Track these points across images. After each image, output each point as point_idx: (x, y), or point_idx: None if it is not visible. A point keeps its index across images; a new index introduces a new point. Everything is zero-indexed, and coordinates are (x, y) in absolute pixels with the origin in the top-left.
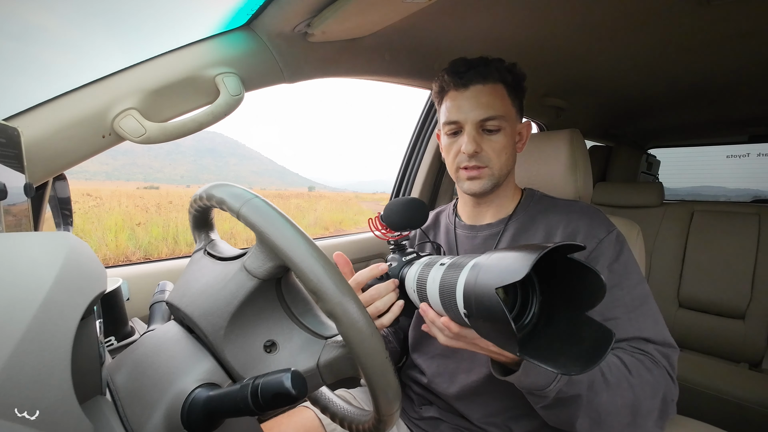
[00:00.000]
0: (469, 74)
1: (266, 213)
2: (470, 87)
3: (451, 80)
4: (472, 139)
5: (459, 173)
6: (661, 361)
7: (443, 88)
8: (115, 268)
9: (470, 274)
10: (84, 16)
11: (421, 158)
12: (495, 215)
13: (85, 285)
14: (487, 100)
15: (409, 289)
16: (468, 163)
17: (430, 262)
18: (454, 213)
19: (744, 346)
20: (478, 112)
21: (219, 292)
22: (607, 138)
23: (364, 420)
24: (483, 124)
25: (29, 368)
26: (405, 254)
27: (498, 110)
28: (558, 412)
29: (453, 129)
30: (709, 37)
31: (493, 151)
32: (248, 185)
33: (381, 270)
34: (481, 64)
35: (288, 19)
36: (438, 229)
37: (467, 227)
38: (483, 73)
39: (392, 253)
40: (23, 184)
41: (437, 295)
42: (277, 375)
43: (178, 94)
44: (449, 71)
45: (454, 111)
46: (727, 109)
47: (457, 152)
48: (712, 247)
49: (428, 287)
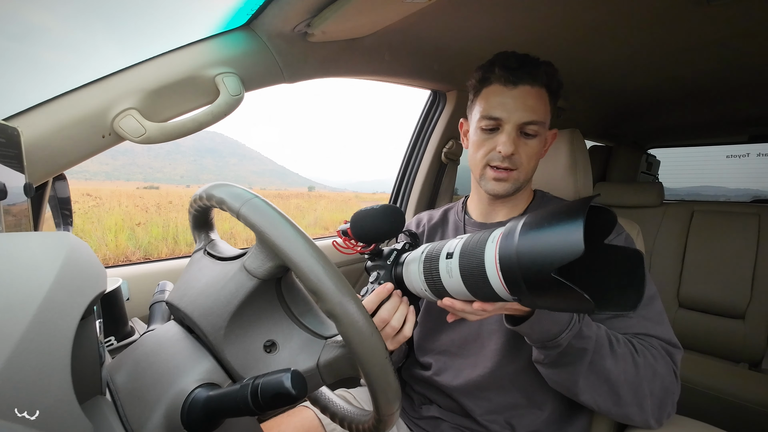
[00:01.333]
0: (520, 72)
1: (266, 213)
2: (519, 86)
3: (502, 74)
4: (512, 140)
5: (486, 171)
6: (666, 357)
7: (488, 79)
8: (115, 268)
9: (505, 258)
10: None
11: (421, 158)
12: (508, 214)
13: (85, 285)
14: (533, 104)
15: (416, 289)
16: (500, 164)
17: (430, 253)
18: (463, 210)
19: (744, 346)
20: (522, 114)
21: (219, 292)
22: (607, 138)
23: (364, 420)
24: (524, 127)
25: (29, 368)
26: (386, 257)
27: (540, 116)
28: (562, 371)
29: (491, 125)
30: (709, 37)
31: (527, 156)
32: (248, 185)
33: (388, 290)
34: (532, 63)
35: (288, 19)
36: (446, 227)
37: (477, 225)
38: (533, 75)
39: (371, 262)
40: (23, 184)
41: (461, 285)
42: (277, 375)
43: (178, 94)
44: (500, 64)
45: (497, 107)
46: (727, 109)
47: (490, 149)
48: (712, 247)
49: (445, 281)
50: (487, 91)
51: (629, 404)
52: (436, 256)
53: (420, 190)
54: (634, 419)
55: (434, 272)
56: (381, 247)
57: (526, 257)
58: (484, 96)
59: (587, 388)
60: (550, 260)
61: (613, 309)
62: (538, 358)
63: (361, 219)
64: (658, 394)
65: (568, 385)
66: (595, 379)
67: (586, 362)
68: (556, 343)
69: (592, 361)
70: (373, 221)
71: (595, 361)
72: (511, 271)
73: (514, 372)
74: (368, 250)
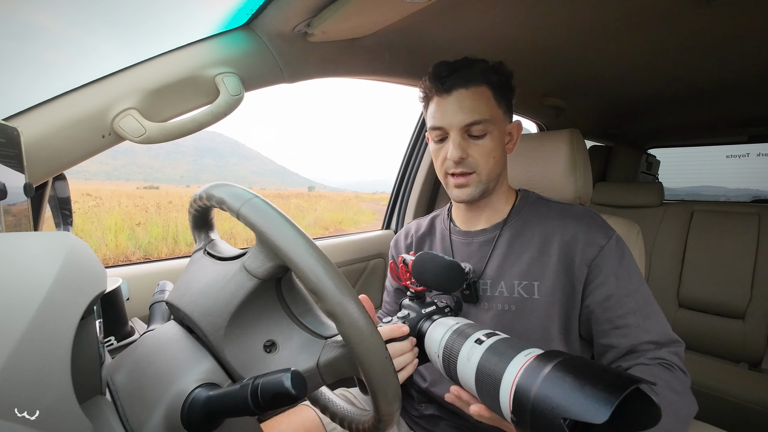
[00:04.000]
0: (452, 79)
1: (266, 213)
2: (453, 92)
3: (433, 86)
4: (458, 145)
5: (447, 179)
6: (675, 362)
7: (427, 94)
8: (115, 268)
9: (524, 378)
10: (84, 16)
11: (421, 158)
12: (489, 220)
13: (84, 285)
14: (470, 105)
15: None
16: (455, 170)
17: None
18: (448, 218)
19: (744, 346)
20: (461, 117)
21: (219, 292)
22: (607, 138)
23: (364, 420)
24: (468, 129)
25: (29, 368)
26: (424, 305)
27: (483, 114)
28: None
29: (439, 135)
30: (709, 37)
31: (481, 156)
32: (248, 185)
33: (402, 332)
34: (463, 66)
35: (288, 19)
36: (433, 236)
37: (462, 233)
38: (465, 77)
39: (409, 301)
40: (23, 184)
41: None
42: (277, 375)
43: (178, 94)
44: (431, 76)
45: (438, 117)
46: (727, 109)
47: (444, 158)
48: (711, 247)
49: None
50: (429, 106)
51: None
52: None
53: (420, 190)
54: None
55: (455, 349)
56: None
57: (541, 404)
58: (429, 109)
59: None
60: (565, 410)
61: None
62: None
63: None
64: (687, 409)
65: None
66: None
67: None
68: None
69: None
70: (435, 269)
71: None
72: (522, 406)
73: None
74: (418, 289)
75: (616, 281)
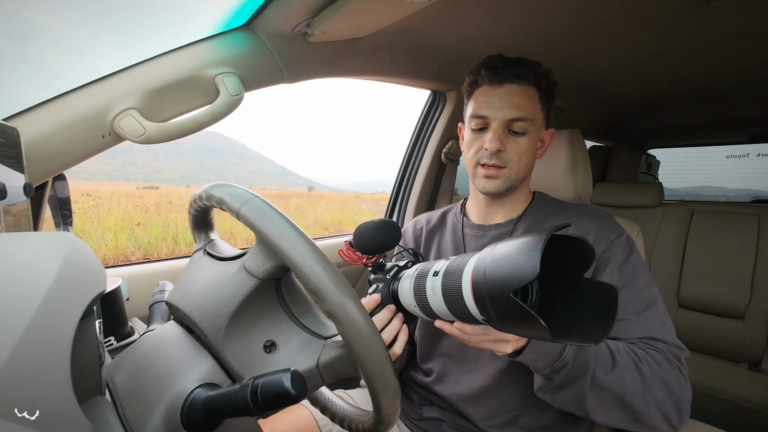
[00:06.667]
0: (505, 72)
1: (266, 213)
2: (504, 85)
3: (487, 75)
4: (498, 137)
5: (477, 169)
6: (673, 359)
7: (476, 81)
8: (114, 268)
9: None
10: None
11: (421, 158)
12: (505, 216)
13: (84, 285)
14: (518, 101)
15: (407, 305)
16: (488, 161)
17: (422, 271)
18: (462, 212)
19: (743, 346)
20: (507, 111)
21: (219, 292)
22: (607, 138)
23: (364, 420)
24: (510, 124)
25: (29, 368)
26: (387, 271)
27: (527, 112)
28: (569, 391)
29: (479, 124)
30: (709, 37)
31: (516, 153)
32: (248, 185)
33: (375, 301)
34: (518, 63)
35: (288, 19)
36: (444, 229)
37: (476, 227)
38: (518, 73)
39: (373, 275)
40: (23, 184)
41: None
42: (277, 375)
43: (178, 94)
44: (486, 66)
45: (484, 106)
46: (727, 109)
47: (479, 148)
48: (711, 247)
49: (431, 301)
50: (476, 93)
51: (646, 415)
52: (425, 273)
53: (420, 190)
54: (661, 428)
55: (422, 289)
56: (384, 262)
57: (492, 278)
58: (474, 97)
59: (597, 405)
60: (509, 282)
61: (576, 340)
62: (543, 386)
63: (360, 231)
64: (670, 401)
65: (578, 405)
66: (603, 393)
67: (589, 376)
68: (563, 362)
69: (595, 375)
70: (369, 234)
71: (597, 374)
72: (480, 291)
73: (515, 375)
74: (370, 261)
75: (619, 276)
